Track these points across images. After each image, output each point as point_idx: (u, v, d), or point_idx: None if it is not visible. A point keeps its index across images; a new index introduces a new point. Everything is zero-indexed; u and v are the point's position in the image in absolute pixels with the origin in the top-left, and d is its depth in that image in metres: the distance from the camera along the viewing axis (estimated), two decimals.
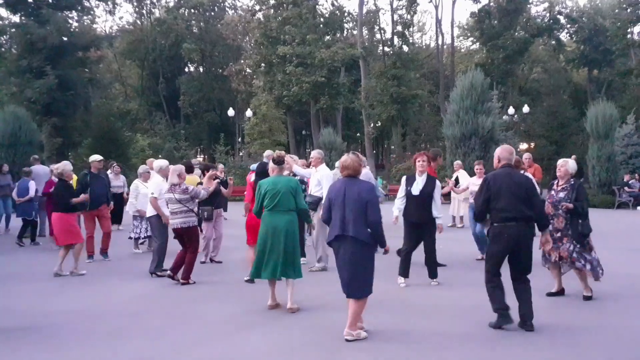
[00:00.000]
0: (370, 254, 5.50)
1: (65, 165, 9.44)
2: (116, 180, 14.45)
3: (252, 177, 14.09)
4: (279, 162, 6.79)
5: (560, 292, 7.23)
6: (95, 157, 10.57)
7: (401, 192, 8.13)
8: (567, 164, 7.08)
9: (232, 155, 38.37)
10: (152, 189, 9.00)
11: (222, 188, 10.11)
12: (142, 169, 11.36)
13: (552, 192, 7.08)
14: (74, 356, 5.19)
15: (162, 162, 9.56)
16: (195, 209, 8.30)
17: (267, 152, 9.20)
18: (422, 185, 7.90)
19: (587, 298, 7.03)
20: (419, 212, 7.86)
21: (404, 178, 8.25)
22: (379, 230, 5.45)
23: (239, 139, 42.30)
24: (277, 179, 6.70)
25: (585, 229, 6.97)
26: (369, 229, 5.41)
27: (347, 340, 5.41)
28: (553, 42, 50.53)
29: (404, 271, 8.00)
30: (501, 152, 6.12)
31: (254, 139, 36.64)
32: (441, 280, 8.09)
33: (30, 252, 11.88)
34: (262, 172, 8.38)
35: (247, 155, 35.26)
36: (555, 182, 7.22)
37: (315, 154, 9.68)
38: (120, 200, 13.93)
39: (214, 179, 9.54)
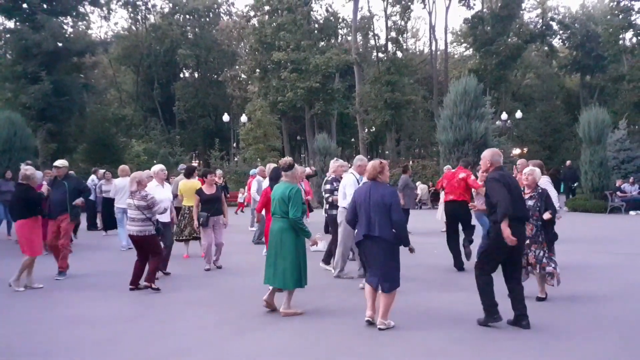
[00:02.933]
0: (395, 252, 5.99)
1: (35, 172, 8.71)
2: (107, 186, 14.57)
3: (253, 182, 14.27)
4: (285, 169, 6.91)
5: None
6: (56, 163, 9.79)
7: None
8: (534, 173, 7.25)
9: (227, 161, 38.43)
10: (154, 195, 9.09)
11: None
12: (156, 168, 11.32)
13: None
14: None
15: (156, 167, 9.65)
16: (153, 219, 8.16)
17: (287, 159, 9.01)
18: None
19: (542, 299, 7.26)
20: None
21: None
22: (402, 230, 5.94)
23: (234, 144, 42.36)
24: (279, 186, 6.87)
25: (554, 236, 7.38)
26: (393, 229, 5.90)
27: (380, 329, 5.85)
28: (546, 48, 50.82)
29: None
30: (492, 156, 6.28)
31: (249, 144, 36.70)
32: (436, 285, 8.19)
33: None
34: (274, 178, 8.62)
35: (242, 161, 35.26)
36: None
37: (333, 163, 9.73)
38: (111, 205, 13.98)
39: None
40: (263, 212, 9.23)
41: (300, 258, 6.63)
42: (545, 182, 9.48)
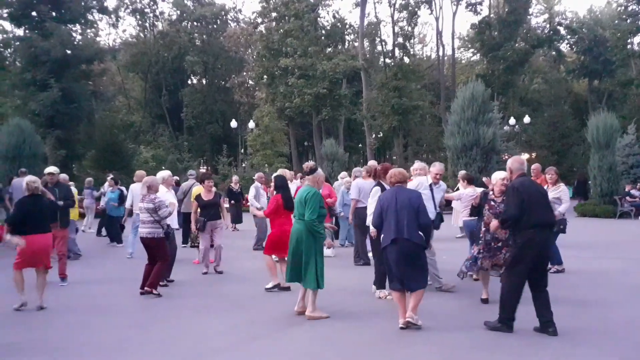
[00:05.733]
0: (422, 254, 6.18)
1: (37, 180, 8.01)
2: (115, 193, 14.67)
3: (251, 188, 14.28)
4: (307, 172, 7.15)
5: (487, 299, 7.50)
6: (49, 170, 9.77)
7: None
8: (507, 179, 7.23)
9: (235, 167, 38.50)
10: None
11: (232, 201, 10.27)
12: (164, 174, 11.35)
13: (493, 204, 7.23)
14: None
15: (164, 173, 9.74)
16: (163, 223, 8.24)
17: (310, 163, 8.74)
18: None
19: (486, 301, 7.40)
20: None
21: (378, 190, 8.08)
22: (429, 232, 6.23)
23: (242, 151, 42.40)
24: (301, 189, 7.10)
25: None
26: (420, 232, 6.08)
27: (409, 322, 6.01)
28: (553, 52, 50.76)
29: (383, 283, 8.06)
30: (512, 164, 6.36)
31: (256, 150, 36.77)
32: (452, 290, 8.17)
33: None
34: (280, 187, 8.64)
35: (249, 167, 35.30)
36: (491, 193, 7.40)
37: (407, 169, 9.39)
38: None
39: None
40: (260, 213, 9.60)
41: (315, 260, 6.70)
42: (563, 190, 9.50)
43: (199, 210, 10.11)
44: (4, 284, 9.07)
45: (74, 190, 12.99)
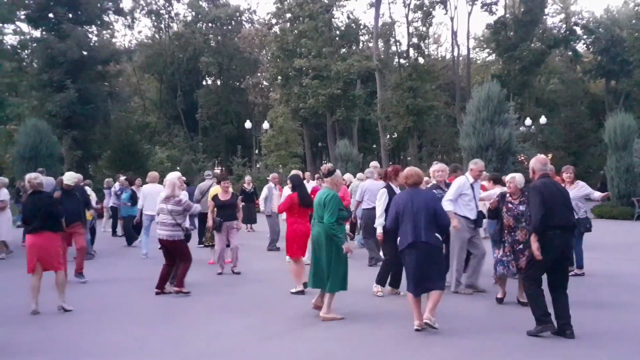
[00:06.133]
0: (440, 255, 6.15)
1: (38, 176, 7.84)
2: (137, 193, 14.72)
3: (264, 189, 14.35)
4: (325, 175, 7.05)
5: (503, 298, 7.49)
6: (67, 181, 9.59)
7: (384, 206, 8.00)
8: (515, 180, 7.24)
9: (249, 167, 38.53)
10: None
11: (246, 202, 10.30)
12: (172, 175, 11.39)
13: (510, 205, 7.18)
14: None
15: (174, 175, 9.74)
16: (183, 225, 8.26)
17: (328, 166, 8.66)
18: None
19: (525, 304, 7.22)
20: None
21: (384, 192, 8.15)
22: (447, 233, 6.21)
23: (256, 151, 42.46)
24: (319, 192, 7.08)
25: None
26: (437, 234, 6.03)
27: (427, 324, 5.93)
28: (570, 53, 50.28)
29: (383, 281, 8.14)
30: (535, 164, 6.28)
31: (270, 150, 36.80)
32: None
33: None
34: (297, 185, 8.67)
35: (264, 167, 35.35)
36: (508, 195, 7.34)
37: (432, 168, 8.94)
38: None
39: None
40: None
41: (338, 261, 6.67)
42: (583, 185, 9.39)
43: (215, 210, 10.12)
44: (23, 284, 9.16)
45: (90, 190, 13.13)
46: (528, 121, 35.00)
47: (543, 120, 36.90)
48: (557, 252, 5.87)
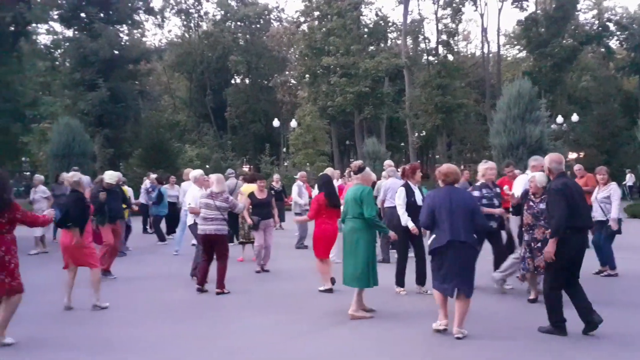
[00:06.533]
0: (475, 257, 5.98)
1: (82, 176, 8.15)
2: (172, 190, 14.92)
3: (294, 187, 14.45)
4: (356, 172, 7.10)
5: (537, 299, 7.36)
6: (108, 180, 9.74)
7: (404, 204, 7.99)
8: (535, 179, 7.11)
9: (277, 165, 38.70)
10: (190, 199, 9.31)
11: (274, 200, 10.40)
12: (196, 173, 11.50)
13: (531, 203, 7.10)
14: None
15: (197, 172, 9.82)
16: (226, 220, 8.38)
17: (358, 163, 8.59)
18: (422, 196, 7.95)
19: (533, 301, 7.30)
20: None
21: (403, 190, 8.10)
22: (484, 234, 5.97)
23: (284, 149, 42.63)
24: (351, 188, 7.05)
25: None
26: (474, 234, 5.89)
27: (458, 339, 5.70)
28: (602, 49, 49.33)
29: (401, 281, 8.12)
30: (550, 163, 6.17)
31: (298, 149, 36.89)
32: (493, 292, 8.03)
33: None
34: (323, 184, 8.65)
35: (291, 165, 35.46)
36: (530, 194, 7.24)
37: (482, 165, 8.59)
38: (174, 209, 14.39)
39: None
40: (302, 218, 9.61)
41: (370, 258, 6.69)
42: (613, 188, 9.20)
43: (250, 208, 10.18)
44: (56, 281, 9.34)
45: (128, 188, 13.36)
46: (560, 119, 34.47)
47: (575, 117, 36.29)
48: (573, 252, 5.83)
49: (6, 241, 5.78)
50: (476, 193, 7.96)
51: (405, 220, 7.92)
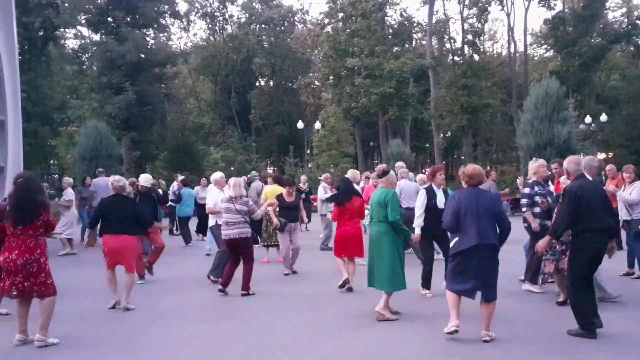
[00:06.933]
0: (498, 259, 5.80)
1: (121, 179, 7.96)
2: (203, 192, 15.01)
3: (319, 188, 14.47)
4: (380, 175, 7.07)
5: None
6: (143, 182, 9.69)
7: (423, 206, 7.91)
8: (564, 182, 6.91)
9: (301, 167, 38.75)
10: (210, 201, 9.35)
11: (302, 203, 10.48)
12: (216, 175, 11.51)
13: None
14: None
15: (217, 175, 9.83)
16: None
17: (382, 166, 8.51)
18: (444, 199, 7.84)
19: (563, 304, 7.13)
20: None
21: (423, 192, 8.04)
22: (507, 237, 5.87)
23: (308, 151, 42.68)
24: (376, 192, 7.05)
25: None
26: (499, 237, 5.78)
27: (486, 341, 5.61)
28: (632, 48, 48.39)
29: (428, 282, 8.07)
30: (568, 165, 6.16)
31: (322, 150, 36.87)
32: (519, 295, 7.90)
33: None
34: (340, 185, 8.89)
35: (315, 167, 35.47)
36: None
37: (533, 163, 8.44)
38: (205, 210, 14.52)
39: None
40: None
41: (396, 261, 6.66)
42: (636, 186, 8.98)
43: (277, 210, 10.25)
44: (84, 282, 9.44)
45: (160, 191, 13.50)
46: (588, 119, 33.95)
47: (604, 117, 35.70)
48: (594, 254, 5.79)
49: (41, 244, 5.89)
50: (527, 190, 7.86)
51: (418, 224, 7.91)
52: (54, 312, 5.91)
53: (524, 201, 7.95)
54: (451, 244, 5.92)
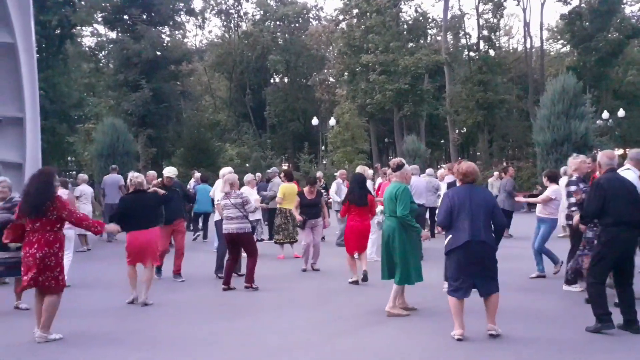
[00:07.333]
0: (495, 256, 5.76)
1: (139, 176, 8.09)
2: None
3: (333, 184, 14.49)
4: (394, 169, 7.07)
5: None
6: (168, 174, 9.42)
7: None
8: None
9: (316, 164, 38.81)
10: (218, 196, 9.40)
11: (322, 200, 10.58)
12: (248, 177, 11.61)
13: None
14: (161, 358, 5.41)
15: (225, 170, 9.87)
16: (249, 217, 8.46)
17: (397, 160, 8.47)
18: None
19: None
20: None
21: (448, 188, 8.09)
22: (503, 233, 5.93)
23: (322, 148, 42.66)
24: (388, 186, 7.11)
25: None
26: (493, 234, 5.76)
27: (492, 336, 5.60)
28: None
29: None
30: (601, 158, 6.20)
31: (337, 147, 36.83)
32: (535, 291, 7.87)
33: None
34: (352, 182, 9.02)
35: (330, 164, 35.47)
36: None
37: (573, 159, 8.14)
38: None
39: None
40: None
41: (409, 255, 6.67)
42: None
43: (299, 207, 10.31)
44: (100, 278, 9.54)
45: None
46: (605, 114, 33.60)
47: (621, 113, 35.32)
48: (622, 248, 5.80)
49: (60, 238, 5.97)
50: (573, 188, 7.69)
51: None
52: (70, 307, 5.97)
53: (572, 200, 7.70)
54: (445, 242, 5.91)
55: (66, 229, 9.03)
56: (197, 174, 16.81)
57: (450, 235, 5.80)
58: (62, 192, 9.31)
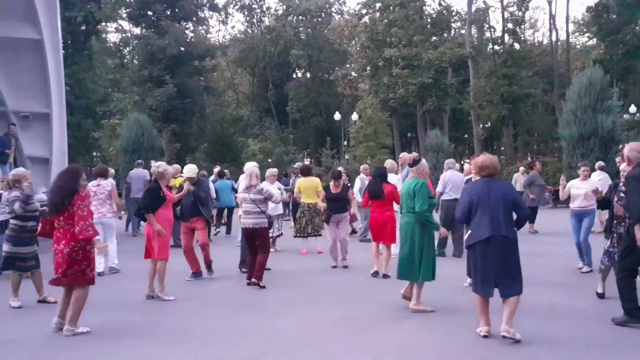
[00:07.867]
0: (518, 251, 5.57)
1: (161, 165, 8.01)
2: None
3: (356, 180, 14.46)
4: (411, 164, 7.04)
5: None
6: (185, 171, 9.38)
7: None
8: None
9: (338, 159, 38.78)
10: (241, 188, 9.41)
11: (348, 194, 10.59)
12: (269, 172, 11.63)
13: (622, 195, 6.60)
14: (187, 352, 5.42)
15: (249, 165, 9.87)
16: (267, 212, 8.47)
17: (413, 155, 8.43)
18: None
19: (601, 296, 7.18)
20: None
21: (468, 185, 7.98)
22: (523, 224, 5.74)
23: (345, 143, 42.61)
24: (406, 182, 7.04)
25: None
26: (515, 227, 5.57)
27: (504, 337, 5.38)
28: None
29: None
30: (630, 152, 5.99)
31: (359, 142, 36.72)
32: (562, 287, 7.78)
33: None
34: (377, 175, 9.09)
35: (352, 159, 35.42)
36: (621, 184, 6.78)
37: None
38: None
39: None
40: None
41: (428, 251, 6.62)
42: None
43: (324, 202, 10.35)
44: (123, 271, 9.64)
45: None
46: (633, 108, 33.00)
47: None
48: None
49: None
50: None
51: None
52: (94, 300, 6.00)
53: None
54: (465, 237, 5.85)
55: (108, 218, 9.33)
56: (216, 169, 16.91)
57: (471, 231, 5.71)
58: (106, 183, 9.51)
